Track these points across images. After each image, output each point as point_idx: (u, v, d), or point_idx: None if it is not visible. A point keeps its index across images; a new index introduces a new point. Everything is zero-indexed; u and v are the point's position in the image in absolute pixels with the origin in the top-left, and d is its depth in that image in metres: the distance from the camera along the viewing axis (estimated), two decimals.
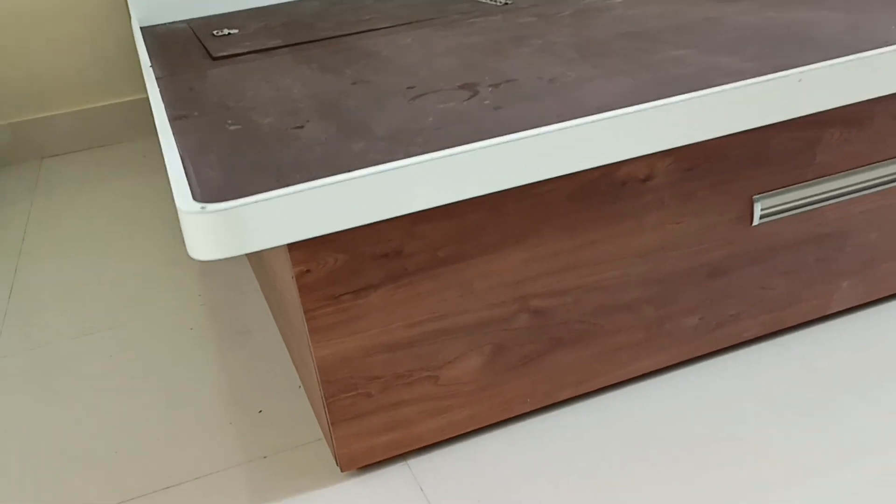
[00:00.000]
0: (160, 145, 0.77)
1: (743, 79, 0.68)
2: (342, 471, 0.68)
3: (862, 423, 0.68)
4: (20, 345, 1.01)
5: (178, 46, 1.26)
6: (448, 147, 0.61)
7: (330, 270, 0.62)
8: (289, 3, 1.58)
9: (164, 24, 1.52)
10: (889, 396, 0.71)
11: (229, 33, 1.30)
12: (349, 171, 0.58)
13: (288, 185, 0.57)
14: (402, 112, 0.73)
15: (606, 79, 0.75)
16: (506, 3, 1.21)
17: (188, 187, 0.58)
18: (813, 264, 0.78)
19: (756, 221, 0.74)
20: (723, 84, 0.67)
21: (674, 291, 0.74)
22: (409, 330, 0.66)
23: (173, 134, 0.77)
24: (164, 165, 1.59)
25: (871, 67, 0.68)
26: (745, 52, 0.76)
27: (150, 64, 1.10)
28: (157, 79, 1.04)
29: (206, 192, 0.58)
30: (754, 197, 0.73)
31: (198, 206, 0.54)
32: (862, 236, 0.78)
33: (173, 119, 0.84)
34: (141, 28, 1.51)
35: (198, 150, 0.71)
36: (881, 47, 0.70)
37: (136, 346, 0.97)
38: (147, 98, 1.62)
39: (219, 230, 0.54)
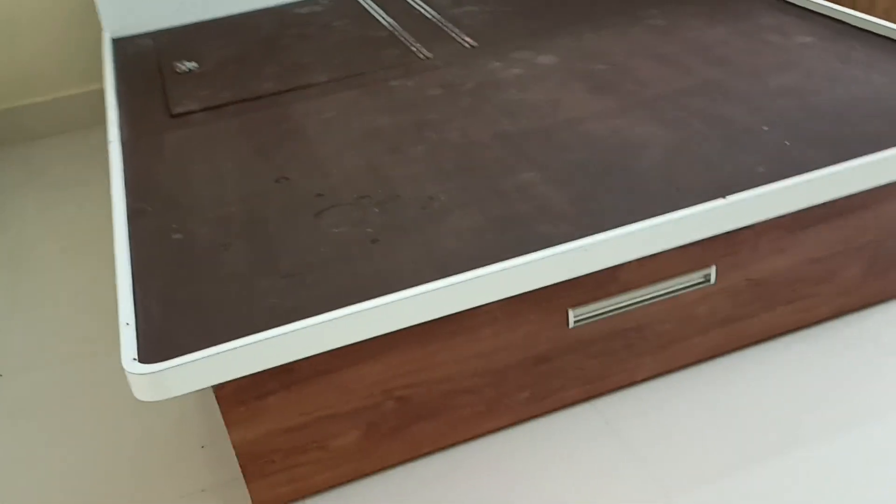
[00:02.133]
0: (115, 248, 0.99)
1: (560, 232, 0.90)
2: None
3: (636, 476, 0.94)
4: None
5: (142, 87, 1.44)
6: (327, 302, 0.84)
7: (238, 385, 0.87)
8: (248, 14, 1.73)
9: (133, 37, 1.69)
10: (663, 452, 0.97)
11: (190, 70, 1.48)
12: (254, 330, 0.81)
13: (208, 346, 0.80)
14: (304, 235, 0.95)
15: (463, 211, 0.96)
16: (427, 58, 1.39)
17: (134, 343, 0.81)
18: (620, 349, 1.02)
19: (571, 325, 0.97)
20: (540, 240, 0.89)
21: (508, 376, 0.98)
22: (301, 418, 0.91)
23: (128, 242, 0.99)
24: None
25: (650, 235, 0.89)
26: (573, 188, 0.97)
27: (117, 124, 1.30)
28: (121, 144, 1.24)
29: (145, 346, 0.81)
30: (569, 309, 0.96)
31: (139, 367, 0.78)
32: (658, 328, 1.02)
33: (131, 214, 1.05)
34: (112, 40, 1.68)
35: (146, 269, 0.94)
36: (677, 210, 0.92)
37: (91, 377, 1.22)
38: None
39: (155, 383, 0.78)
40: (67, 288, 1.43)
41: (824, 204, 1.01)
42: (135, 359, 0.79)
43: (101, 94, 1.96)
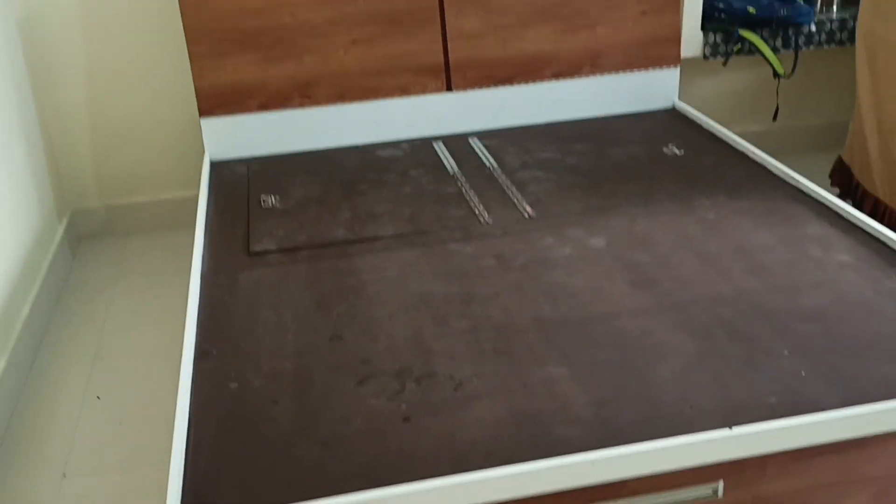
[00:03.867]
0: (178, 391, 1.11)
1: (575, 438, 0.97)
2: None
3: None
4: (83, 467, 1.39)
5: (229, 217, 1.59)
6: (354, 479, 0.93)
7: None
8: (335, 150, 1.89)
9: (229, 161, 1.85)
10: None
11: (273, 206, 1.62)
12: (288, 499, 0.91)
13: None
14: (344, 403, 1.05)
15: (491, 399, 1.05)
16: (487, 224, 1.50)
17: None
18: None
19: None
20: (555, 445, 0.96)
21: None
22: None
23: (191, 386, 1.11)
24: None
25: (659, 456, 0.96)
26: (595, 390, 1.05)
27: (201, 255, 1.44)
28: (201, 276, 1.38)
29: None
30: None
31: None
32: None
33: (197, 356, 1.17)
34: (211, 162, 1.85)
35: (202, 416, 1.05)
36: (687, 434, 0.98)
37: (141, 488, 1.33)
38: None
39: None
40: (139, 392, 1.56)
41: None
42: None
43: (195, 201, 2.14)
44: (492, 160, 1.78)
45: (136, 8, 1.97)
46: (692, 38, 2.10)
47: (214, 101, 1.83)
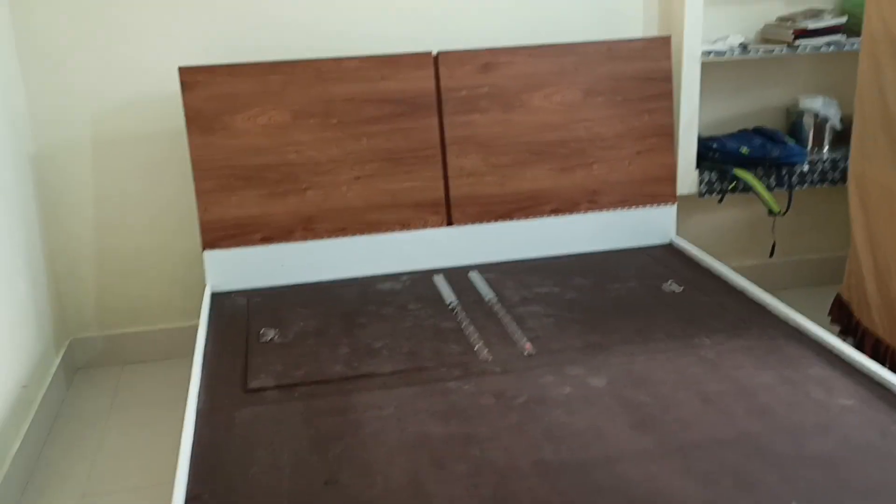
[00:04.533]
0: None
1: None
2: None
3: None
4: None
5: (228, 350, 1.58)
6: None
7: None
8: (334, 283, 1.90)
9: (230, 292, 1.86)
10: None
11: (271, 339, 1.62)
12: None
13: None
14: None
15: None
16: (486, 361, 1.49)
17: None
18: None
19: None
20: None
21: None
22: None
23: None
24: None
25: None
26: None
27: (196, 392, 1.42)
28: (195, 414, 1.36)
29: None
30: None
31: None
32: None
33: (188, 500, 1.14)
34: (212, 294, 1.86)
35: None
36: None
37: None
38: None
39: None
40: None
41: None
42: None
43: (194, 331, 2.14)
44: (491, 294, 1.78)
45: (145, 144, 2.02)
46: (687, 177, 2.15)
47: (218, 235, 1.86)
